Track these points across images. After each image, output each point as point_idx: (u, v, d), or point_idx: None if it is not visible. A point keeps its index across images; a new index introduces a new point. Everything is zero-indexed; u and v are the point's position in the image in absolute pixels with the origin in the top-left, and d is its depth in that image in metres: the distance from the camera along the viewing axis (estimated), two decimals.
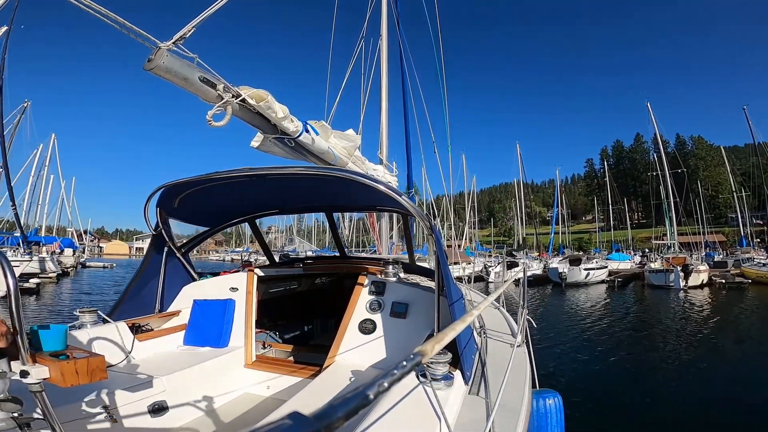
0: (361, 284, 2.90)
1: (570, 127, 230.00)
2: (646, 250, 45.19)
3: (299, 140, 3.20)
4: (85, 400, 1.86)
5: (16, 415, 1.39)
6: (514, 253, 33.89)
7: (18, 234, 25.20)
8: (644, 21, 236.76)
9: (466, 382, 1.95)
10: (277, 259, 4.69)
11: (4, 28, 19.44)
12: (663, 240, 38.46)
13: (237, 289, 3.19)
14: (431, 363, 1.79)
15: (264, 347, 3.38)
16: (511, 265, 29.05)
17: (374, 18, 7.96)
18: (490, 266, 27.92)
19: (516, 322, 3.21)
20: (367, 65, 7.92)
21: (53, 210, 41.71)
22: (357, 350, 2.60)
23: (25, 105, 32.43)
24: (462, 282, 4.33)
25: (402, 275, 3.08)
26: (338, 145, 3.97)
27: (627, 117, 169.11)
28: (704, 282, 23.06)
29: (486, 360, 2.24)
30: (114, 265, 42.78)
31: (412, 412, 1.63)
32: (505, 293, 4.39)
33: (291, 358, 3.32)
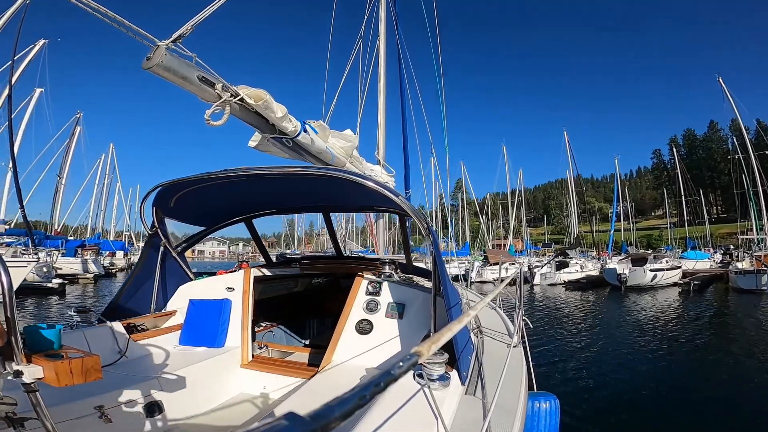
0: (358, 285, 2.89)
1: (629, 115, 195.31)
2: (731, 247, 39.90)
3: (297, 140, 3.20)
4: (80, 400, 1.85)
5: (10, 414, 1.38)
6: (567, 251, 30.05)
7: (51, 236, 25.96)
8: None
9: (463, 383, 1.95)
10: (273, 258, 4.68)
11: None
12: (750, 235, 32.43)
13: (233, 289, 3.18)
14: (428, 363, 1.79)
15: (260, 347, 3.37)
16: (561, 266, 26.63)
17: (373, 18, 7.97)
18: (535, 267, 25.84)
19: (513, 323, 3.21)
20: (365, 65, 7.93)
21: (122, 216, 46.30)
22: (354, 351, 2.59)
23: (78, 115, 34.06)
24: (458, 282, 4.33)
25: (399, 276, 3.08)
26: (336, 145, 3.97)
27: (696, 104, 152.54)
28: None
29: (482, 360, 2.24)
30: None
31: (409, 412, 1.63)
32: (503, 294, 4.40)
33: (287, 359, 3.31)
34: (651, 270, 21.23)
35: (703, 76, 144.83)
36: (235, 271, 3.40)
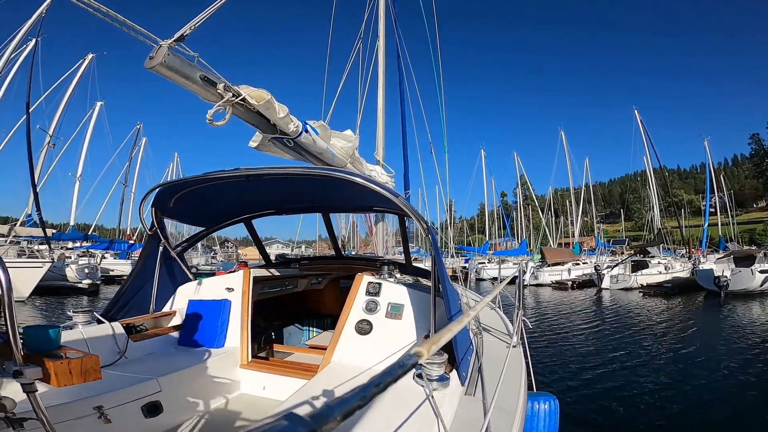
0: (358, 285, 2.89)
1: (715, 99, 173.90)
2: None
3: (299, 140, 3.20)
4: (79, 400, 1.85)
5: (9, 415, 1.37)
6: (648, 248, 24.96)
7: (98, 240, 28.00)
8: None
9: (463, 383, 1.95)
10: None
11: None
12: None
13: (233, 290, 3.18)
14: (427, 364, 1.79)
15: (260, 348, 3.36)
16: (639, 266, 21.91)
17: (372, 18, 7.98)
18: (603, 268, 22.01)
19: (513, 323, 3.21)
20: (365, 65, 7.94)
21: None
22: (353, 351, 2.59)
23: (138, 127, 36.22)
24: (458, 283, 4.34)
25: (398, 276, 3.08)
26: (336, 146, 3.97)
27: None
28: None
29: (482, 361, 2.24)
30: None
31: (408, 412, 1.63)
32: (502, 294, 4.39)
33: (287, 359, 3.31)
34: (761, 271, 16.64)
35: None
36: (234, 271, 3.40)
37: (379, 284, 2.82)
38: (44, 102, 22.75)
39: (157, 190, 2.88)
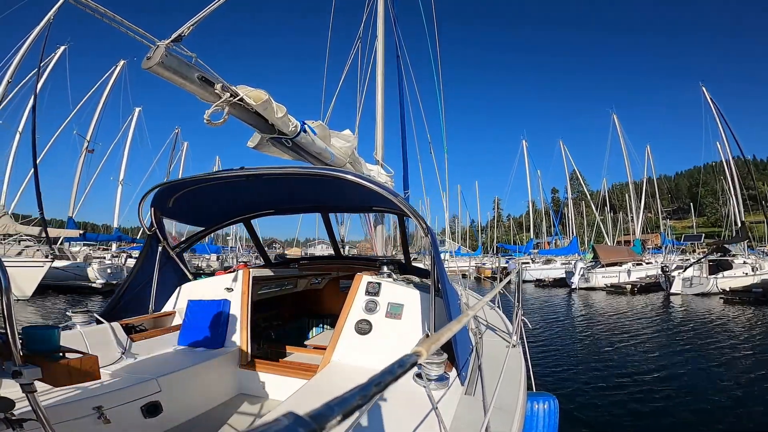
0: (357, 285, 2.89)
1: None
2: None
3: (297, 140, 3.20)
4: (78, 400, 1.85)
5: (8, 415, 1.37)
6: (728, 246, 20.97)
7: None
8: None
9: (462, 383, 1.96)
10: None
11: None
12: None
13: (232, 290, 3.18)
14: (427, 363, 1.79)
15: (259, 348, 3.36)
16: (719, 267, 18.35)
17: (371, 19, 7.98)
18: (672, 269, 18.63)
19: (512, 323, 3.22)
20: (364, 66, 7.94)
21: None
22: (353, 351, 2.59)
23: (177, 131, 37.22)
24: (457, 282, 4.34)
25: (398, 276, 3.08)
26: (335, 146, 3.97)
27: None
28: None
29: (482, 360, 2.24)
30: None
31: (408, 412, 1.63)
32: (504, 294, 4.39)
33: (287, 359, 3.31)
34: None
35: None
36: (233, 271, 3.40)
37: (379, 284, 2.83)
38: (80, 109, 24.47)
39: (156, 190, 2.88)
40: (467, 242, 59.15)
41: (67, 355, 1.48)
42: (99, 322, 2.63)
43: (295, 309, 4.47)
